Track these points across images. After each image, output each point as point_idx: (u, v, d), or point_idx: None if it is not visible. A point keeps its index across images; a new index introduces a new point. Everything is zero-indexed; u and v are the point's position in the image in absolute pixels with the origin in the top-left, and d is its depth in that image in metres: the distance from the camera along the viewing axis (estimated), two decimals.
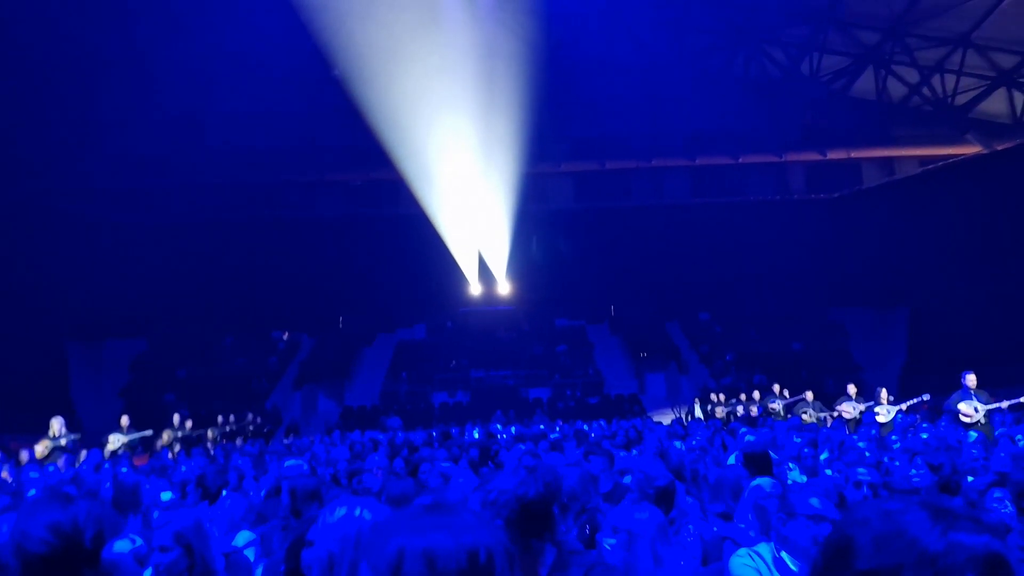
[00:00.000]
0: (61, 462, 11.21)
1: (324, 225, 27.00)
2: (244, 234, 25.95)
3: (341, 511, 2.46)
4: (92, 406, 21.22)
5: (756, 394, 17.11)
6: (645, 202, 27.81)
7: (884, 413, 12.82)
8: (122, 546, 3.23)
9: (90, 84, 23.60)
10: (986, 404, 10.42)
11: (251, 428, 18.98)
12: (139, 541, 3.32)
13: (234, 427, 18.18)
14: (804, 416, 14.60)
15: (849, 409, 13.45)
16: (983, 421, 10.14)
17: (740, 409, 17.00)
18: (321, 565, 2.41)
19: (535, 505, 2.21)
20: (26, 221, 21.11)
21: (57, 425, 11.58)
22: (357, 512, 2.45)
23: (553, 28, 22.97)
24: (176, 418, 15.84)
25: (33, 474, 7.92)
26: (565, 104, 25.22)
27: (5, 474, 9.28)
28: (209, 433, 16.90)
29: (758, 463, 5.85)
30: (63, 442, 11.45)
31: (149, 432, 14.26)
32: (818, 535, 3.11)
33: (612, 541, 3.19)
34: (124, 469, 8.05)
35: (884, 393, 13.07)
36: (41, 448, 11.42)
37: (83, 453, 12.01)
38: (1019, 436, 8.42)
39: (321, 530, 2.47)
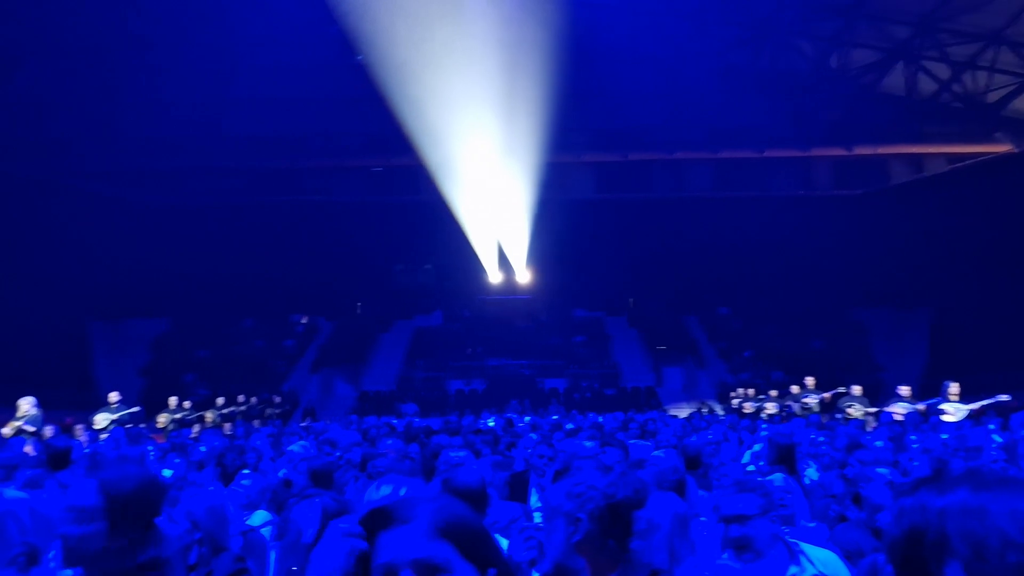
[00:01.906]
0: (84, 438, 11.35)
1: (344, 210, 27.08)
2: (265, 217, 26.11)
3: (386, 490, 2.46)
4: (113, 384, 21.41)
5: (795, 388, 16.15)
6: (666, 194, 27.63)
7: (953, 413, 11.69)
8: None
9: (115, 67, 23.82)
10: None
11: (257, 410, 18.73)
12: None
13: (239, 409, 17.83)
14: (850, 411, 13.62)
15: (901, 410, 12.46)
16: None
17: (771, 405, 16.13)
18: None
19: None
20: (50, 201, 21.35)
21: (26, 405, 11.12)
22: (402, 492, 2.44)
23: (577, 17, 22.84)
24: (173, 400, 15.59)
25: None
26: (588, 94, 25.10)
27: (29, 448, 9.41)
28: (208, 415, 16.56)
29: (782, 454, 5.79)
30: (30, 428, 10.89)
31: (137, 409, 13.95)
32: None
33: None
34: (150, 448, 8.15)
35: (955, 388, 11.99)
36: (8, 429, 10.96)
37: (104, 434, 12.12)
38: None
39: (366, 508, 2.46)
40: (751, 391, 18.03)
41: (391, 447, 5.79)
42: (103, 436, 11.82)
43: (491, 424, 13.36)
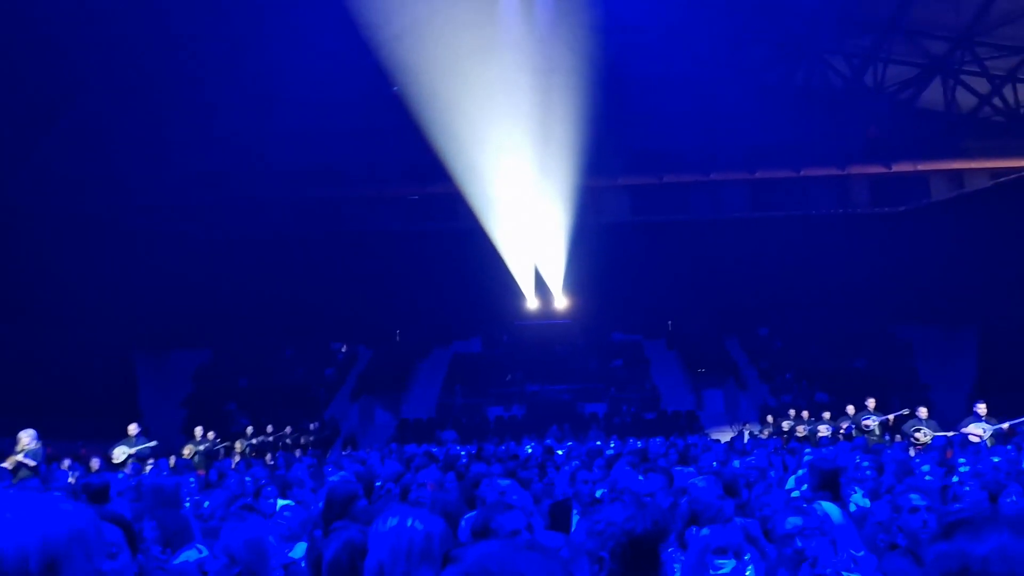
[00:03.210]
0: (128, 470, 11.50)
1: (382, 239, 27.37)
2: (305, 247, 26.50)
3: (393, 521, 2.48)
4: (158, 415, 21.86)
5: (850, 409, 15.33)
6: (703, 216, 27.46)
7: None
8: (188, 555, 3.33)
9: (160, 103, 24.46)
10: None
11: (289, 440, 18.42)
12: (205, 551, 3.41)
13: (268, 439, 17.45)
14: (918, 435, 12.66)
15: (979, 431, 11.50)
16: None
17: (824, 428, 15.41)
18: (372, 573, 2.43)
19: (643, 541, 2.21)
20: (97, 236, 21.93)
21: (27, 439, 10.37)
22: (409, 523, 2.46)
23: (610, 41, 22.94)
24: (198, 430, 14.99)
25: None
26: (622, 117, 25.10)
27: (74, 479, 9.59)
28: (237, 446, 16.06)
29: (825, 480, 5.65)
30: (30, 461, 10.26)
31: (154, 443, 13.31)
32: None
33: (731, 563, 3.11)
34: (191, 480, 8.26)
35: None
36: (8, 463, 10.29)
37: (149, 463, 12.28)
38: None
39: (373, 539, 2.50)
40: (805, 413, 17.44)
41: (429, 477, 5.80)
42: (147, 468, 11.97)
43: (529, 451, 13.31)
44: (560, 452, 12.83)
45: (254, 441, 16.85)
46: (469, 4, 22.08)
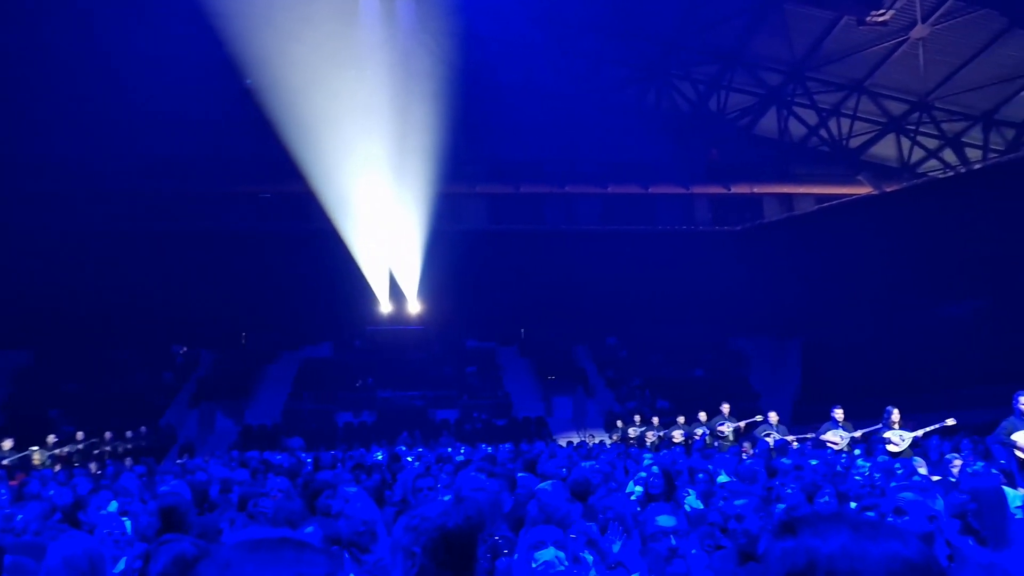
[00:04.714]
0: None
1: (230, 237, 26.17)
2: (145, 244, 24.87)
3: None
4: None
5: (703, 415, 15.30)
6: (557, 227, 28.16)
7: (898, 441, 10.79)
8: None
9: None
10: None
11: (108, 448, 16.93)
12: None
13: (77, 448, 15.74)
14: (769, 440, 12.80)
15: (836, 439, 11.71)
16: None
17: (678, 433, 15.34)
18: None
19: (455, 536, 2.17)
20: None
21: None
22: None
23: (472, 50, 23.14)
24: None
25: None
26: (482, 126, 25.34)
27: None
28: (36, 456, 14.35)
29: (663, 482, 5.95)
30: None
31: None
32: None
33: (548, 552, 3.19)
34: (2, 491, 7.53)
35: (896, 415, 11.03)
36: None
37: None
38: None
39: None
40: (655, 419, 17.63)
41: (276, 486, 5.59)
42: None
43: (379, 457, 13.13)
44: (410, 459, 12.72)
45: (57, 452, 14.99)
46: (329, 2, 21.61)
